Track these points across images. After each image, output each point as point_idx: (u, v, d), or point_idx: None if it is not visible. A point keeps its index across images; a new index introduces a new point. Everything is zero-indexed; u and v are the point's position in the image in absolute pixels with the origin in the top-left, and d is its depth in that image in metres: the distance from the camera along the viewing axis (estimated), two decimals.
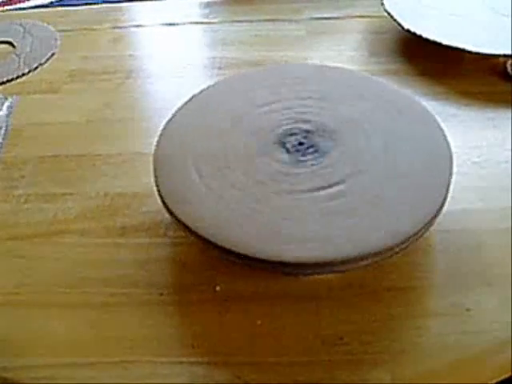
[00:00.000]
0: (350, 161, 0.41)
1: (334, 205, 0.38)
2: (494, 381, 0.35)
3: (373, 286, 0.39)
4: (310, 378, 0.35)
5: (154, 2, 0.76)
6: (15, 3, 0.78)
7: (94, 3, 0.76)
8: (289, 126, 0.44)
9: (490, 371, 0.35)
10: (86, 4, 0.76)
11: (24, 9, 0.77)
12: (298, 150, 0.42)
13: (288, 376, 0.35)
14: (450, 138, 0.42)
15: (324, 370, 0.35)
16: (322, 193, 0.39)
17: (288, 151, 0.42)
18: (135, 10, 0.75)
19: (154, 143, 0.43)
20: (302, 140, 0.43)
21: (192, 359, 0.36)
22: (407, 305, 0.38)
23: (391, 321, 0.37)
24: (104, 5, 0.76)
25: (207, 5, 0.74)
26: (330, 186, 0.39)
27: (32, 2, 0.78)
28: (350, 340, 0.36)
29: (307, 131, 0.43)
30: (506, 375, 0.35)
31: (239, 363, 0.36)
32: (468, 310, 0.38)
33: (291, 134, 0.43)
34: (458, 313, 0.37)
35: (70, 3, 0.76)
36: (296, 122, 0.44)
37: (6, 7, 0.77)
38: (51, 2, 0.77)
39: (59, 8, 0.76)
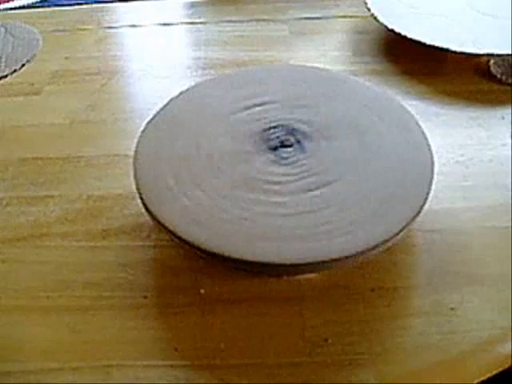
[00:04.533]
0: (331, 163, 0.41)
1: (317, 206, 0.38)
2: (479, 380, 0.35)
3: (357, 287, 0.39)
4: (295, 379, 0.35)
5: (137, 2, 0.76)
6: None
7: (78, 4, 0.75)
8: (270, 129, 0.44)
9: (475, 370, 0.36)
10: (70, 5, 0.75)
11: (6, 10, 0.76)
12: (280, 153, 0.42)
13: (272, 378, 0.35)
14: (433, 138, 0.42)
15: (309, 371, 0.35)
16: (304, 195, 0.39)
17: (270, 153, 0.42)
18: (118, 11, 0.75)
19: (134, 145, 0.43)
20: (284, 142, 0.43)
21: (175, 362, 0.36)
22: (391, 305, 0.38)
23: (375, 321, 0.37)
24: (87, 5, 0.75)
25: (191, 5, 0.74)
26: (313, 188, 0.39)
27: (14, 2, 0.78)
28: (334, 341, 0.36)
29: (287, 133, 0.43)
30: (490, 374, 0.35)
31: (223, 366, 0.35)
32: (452, 309, 0.38)
33: (272, 136, 0.43)
34: (442, 312, 0.37)
35: (52, 3, 0.76)
36: (277, 124, 0.44)
37: None
38: (33, 3, 0.77)
39: (42, 9, 0.75)
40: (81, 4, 0.75)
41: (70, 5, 0.75)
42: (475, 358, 0.36)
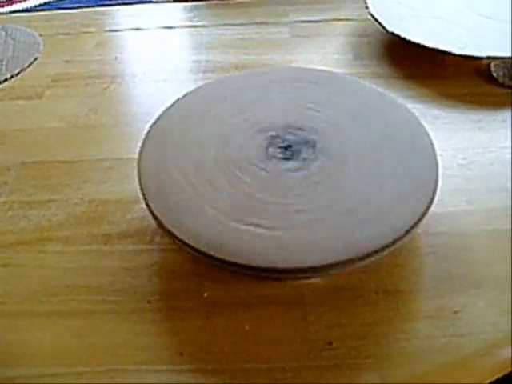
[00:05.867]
0: (335, 165, 0.41)
1: (320, 210, 0.38)
2: (483, 383, 0.35)
3: (361, 290, 0.39)
4: (299, 383, 0.35)
5: (138, 6, 0.76)
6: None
7: (79, 7, 0.75)
8: (273, 131, 0.44)
9: (479, 373, 0.36)
10: (71, 8, 0.75)
11: (7, 13, 0.76)
12: (284, 155, 0.42)
13: (276, 382, 0.35)
14: (435, 141, 0.42)
15: (313, 375, 0.35)
16: (308, 198, 0.39)
17: (273, 156, 0.42)
18: (119, 15, 0.75)
19: (138, 148, 0.43)
20: (287, 144, 0.43)
21: (180, 367, 0.36)
22: (395, 308, 0.38)
23: (379, 324, 0.37)
24: (88, 9, 0.75)
25: (192, 8, 0.74)
26: (314, 193, 0.39)
27: (15, 6, 0.77)
28: (338, 344, 0.36)
29: (291, 135, 0.43)
30: (494, 377, 0.35)
31: (227, 370, 0.35)
32: (456, 312, 0.38)
33: (277, 138, 0.43)
34: (446, 315, 0.37)
35: (53, 7, 0.76)
36: (279, 126, 0.44)
37: None
38: (34, 6, 0.77)
39: (43, 12, 0.75)
40: (82, 7, 0.75)
41: (71, 8, 0.75)
42: (479, 361, 0.36)
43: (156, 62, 0.64)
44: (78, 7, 0.75)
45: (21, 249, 0.44)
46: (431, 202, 0.38)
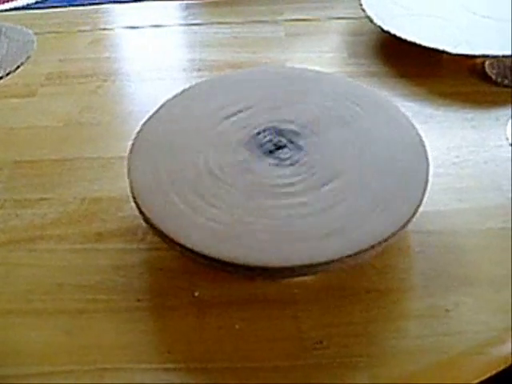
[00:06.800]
0: (325, 166, 0.41)
1: (309, 209, 0.38)
2: (473, 382, 0.35)
3: (352, 289, 0.39)
4: (290, 382, 0.35)
5: (132, 4, 0.75)
6: None
7: (73, 5, 0.75)
8: (258, 134, 0.44)
9: (470, 372, 0.36)
10: (65, 6, 0.75)
11: (1, 11, 0.76)
12: (272, 155, 0.42)
13: (267, 381, 0.35)
14: (428, 139, 0.42)
15: (304, 374, 0.35)
16: (297, 198, 0.39)
17: (263, 156, 0.42)
18: (113, 13, 0.75)
19: (128, 147, 0.43)
20: (277, 143, 0.43)
21: (170, 365, 0.36)
22: (386, 307, 0.38)
23: (370, 323, 0.37)
24: (82, 7, 0.75)
25: (186, 7, 0.74)
26: (305, 191, 0.39)
27: (9, 4, 0.77)
28: (329, 343, 0.36)
29: (281, 135, 0.43)
30: (485, 376, 0.35)
31: (218, 369, 0.35)
32: (447, 311, 0.38)
33: (264, 141, 0.43)
34: (437, 314, 0.37)
35: (47, 5, 0.76)
36: (270, 126, 0.44)
37: None
38: (28, 4, 0.76)
39: (37, 10, 0.75)
40: (76, 5, 0.75)
41: (65, 6, 0.75)
42: (470, 360, 0.36)
43: (150, 60, 0.64)
44: (71, 5, 0.75)
45: (13, 247, 0.44)
46: (421, 200, 0.38)
